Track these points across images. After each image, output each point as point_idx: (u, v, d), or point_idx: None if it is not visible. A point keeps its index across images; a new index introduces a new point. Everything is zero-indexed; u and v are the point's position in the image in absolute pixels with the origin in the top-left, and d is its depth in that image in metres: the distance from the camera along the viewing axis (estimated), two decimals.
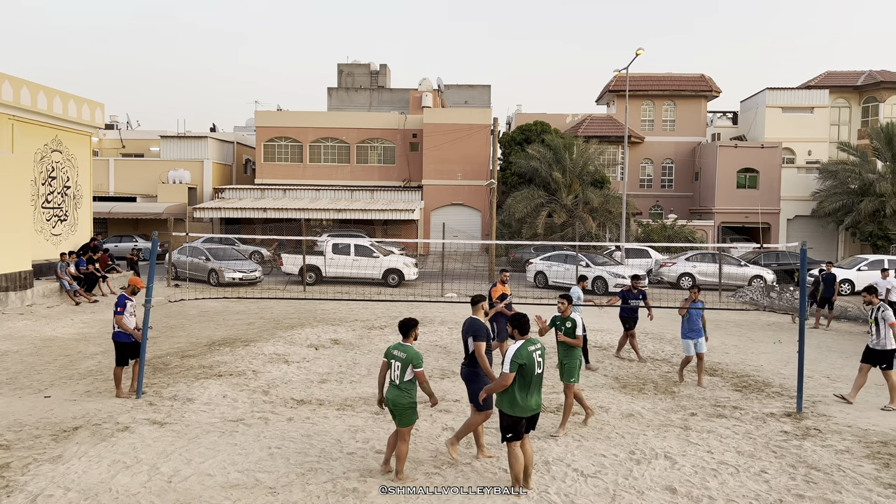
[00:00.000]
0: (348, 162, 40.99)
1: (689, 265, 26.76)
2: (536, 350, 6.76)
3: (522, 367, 6.61)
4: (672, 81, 42.28)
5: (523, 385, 6.65)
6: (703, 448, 8.31)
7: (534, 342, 6.81)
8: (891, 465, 7.84)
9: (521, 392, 6.65)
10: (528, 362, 6.64)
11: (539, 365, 6.75)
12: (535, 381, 6.74)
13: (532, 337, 6.89)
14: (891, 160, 34.60)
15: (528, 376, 6.64)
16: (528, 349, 6.69)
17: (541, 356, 6.79)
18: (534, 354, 6.71)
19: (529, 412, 6.71)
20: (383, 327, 16.61)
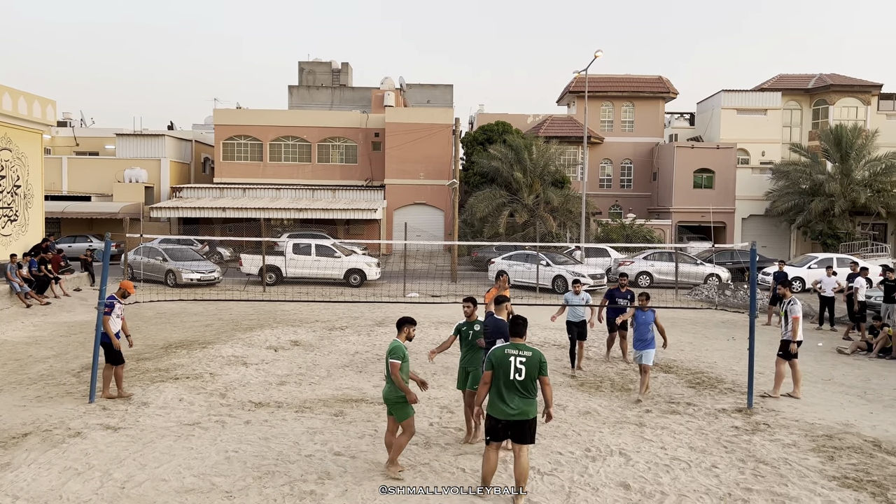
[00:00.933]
0: (309, 161, 40.68)
1: (647, 264, 27.22)
2: (518, 356, 6.60)
3: (495, 368, 6.62)
4: (630, 83, 42.93)
5: (498, 387, 6.63)
6: (656, 444, 8.49)
7: (520, 347, 6.68)
8: (835, 458, 8.11)
9: (496, 393, 6.64)
10: (500, 363, 6.60)
11: (518, 372, 6.55)
12: (511, 385, 6.57)
13: (524, 343, 6.76)
14: (839, 161, 35.69)
15: (500, 378, 6.60)
16: (505, 351, 6.65)
17: (522, 364, 6.57)
18: (510, 358, 6.59)
19: (504, 416, 6.56)
20: (344, 328, 16.55)
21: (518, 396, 6.58)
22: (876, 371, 13.28)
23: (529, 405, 6.61)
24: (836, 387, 11.88)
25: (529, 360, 6.61)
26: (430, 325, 17.08)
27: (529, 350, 6.69)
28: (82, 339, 14.77)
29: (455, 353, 13.63)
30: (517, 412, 6.55)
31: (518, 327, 6.82)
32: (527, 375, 6.57)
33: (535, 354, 6.67)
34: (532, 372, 6.60)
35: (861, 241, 35.09)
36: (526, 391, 6.59)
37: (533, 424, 6.67)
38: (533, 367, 6.61)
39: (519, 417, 6.56)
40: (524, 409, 6.58)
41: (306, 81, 51.95)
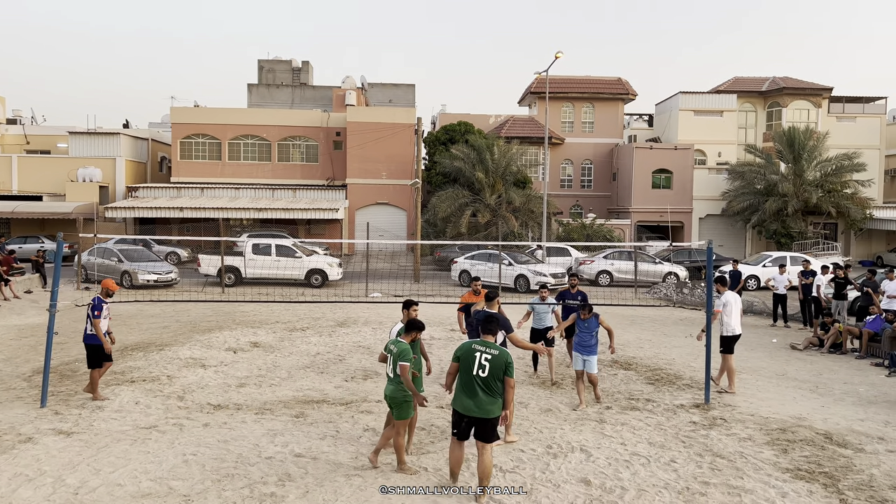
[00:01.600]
0: (269, 160, 40.22)
1: (608, 263, 27.57)
2: (484, 353, 6.64)
3: (460, 361, 6.73)
4: (591, 84, 43.44)
5: (462, 380, 6.71)
6: (616, 440, 8.59)
7: (488, 345, 6.70)
8: (788, 451, 8.31)
9: (460, 387, 6.73)
10: (465, 357, 6.70)
11: (482, 368, 6.59)
12: (472, 381, 6.61)
13: (493, 342, 6.78)
14: (792, 162, 36.65)
15: (464, 373, 6.68)
16: (472, 346, 6.74)
17: (487, 360, 6.60)
18: (476, 353, 6.65)
19: (464, 411, 6.63)
20: (305, 329, 16.38)
21: (480, 393, 6.59)
22: (827, 366, 13.66)
23: (491, 404, 6.59)
24: (789, 381, 12.18)
25: (495, 358, 6.63)
26: (393, 325, 16.97)
27: (497, 349, 6.70)
28: (33, 342, 14.37)
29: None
30: (477, 409, 6.58)
31: (490, 325, 6.87)
32: (490, 373, 6.58)
33: (501, 354, 6.68)
34: (496, 371, 6.60)
35: (813, 240, 36.08)
36: (488, 389, 6.59)
37: (495, 423, 6.69)
38: (497, 366, 6.61)
39: (479, 415, 6.57)
40: (485, 407, 6.58)
41: (266, 80, 51.32)
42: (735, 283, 18.72)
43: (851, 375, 12.82)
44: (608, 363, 13.30)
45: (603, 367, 12.81)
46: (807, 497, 6.92)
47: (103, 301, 10.09)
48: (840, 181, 36.45)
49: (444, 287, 26.07)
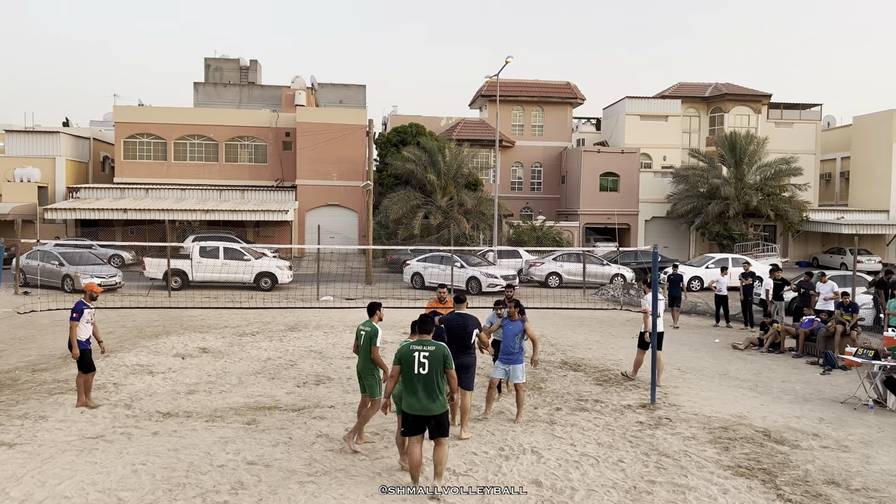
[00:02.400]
0: (217, 161, 39.53)
1: (557, 265, 28.01)
2: (422, 352, 6.90)
3: (401, 363, 6.96)
4: (540, 88, 44.04)
5: (405, 381, 6.94)
6: (566, 441, 8.79)
7: (425, 343, 7.01)
8: (730, 449, 8.65)
9: (404, 388, 6.96)
10: (405, 359, 6.94)
11: (422, 366, 6.85)
12: (416, 380, 6.85)
13: (429, 339, 7.10)
14: (734, 166, 37.87)
15: (406, 374, 6.91)
16: (410, 347, 6.98)
17: (426, 358, 6.87)
18: (414, 353, 6.89)
19: (410, 409, 6.87)
20: (255, 334, 16.21)
21: (423, 391, 6.83)
22: (766, 365, 14.20)
23: (434, 401, 6.86)
24: (731, 381, 12.62)
25: (433, 354, 6.90)
26: (345, 329, 16.97)
27: (433, 345, 6.98)
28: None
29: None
30: (421, 407, 6.84)
31: (425, 325, 7.17)
32: (430, 369, 6.84)
33: (438, 349, 6.95)
34: (436, 366, 6.87)
35: (753, 242, 37.35)
36: (430, 386, 6.84)
37: (442, 419, 6.94)
38: (437, 360, 6.88)
39: (424, 413, 6.84)
40: (428, 405, 6.84)
41: (213, 78, 50.43)
42: (675, 285, 19.20)
43: (789, 374, 13.36)
44: (558, 364, 13.57)
45: (553, 369, 13.07)
46: (747, 493, 7.22)
47: (86, 305, 9.86)
48: (778, 185, 37.82)
49: (396, 289, 26.10)
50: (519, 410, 9.68)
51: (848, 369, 13.73)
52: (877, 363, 11.04)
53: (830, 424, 9.88)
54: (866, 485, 7.56)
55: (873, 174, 42.57)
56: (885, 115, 41.79)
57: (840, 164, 47.30)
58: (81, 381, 9.82)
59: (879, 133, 42.04)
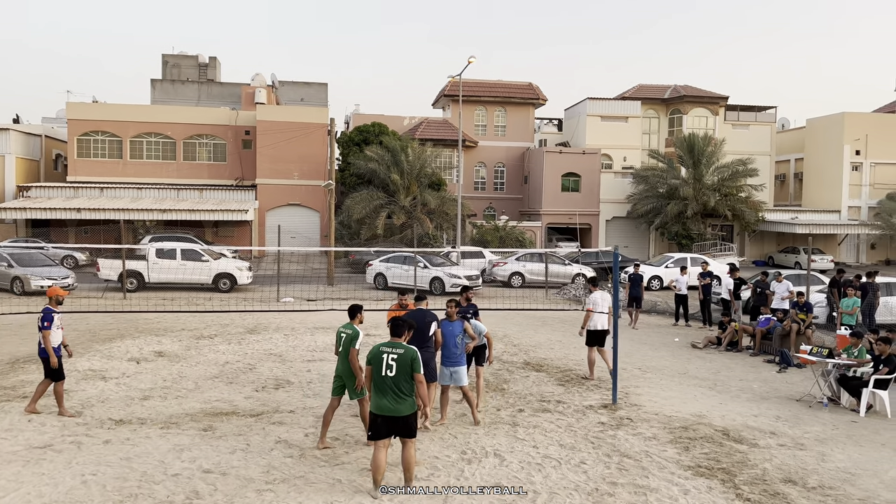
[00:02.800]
0: (174, 159, 38.75)
1: (520, 265, 28.10)
2: (391, 353, 6.93)
3: (371, 364, 7.03)
4: (503, 88, 44.19)
5: (373, 382, 7.00)
6: (529, 443, 8.76)
7: (394, 345, 7.03)
8: (690, 449, 8.71)
9: (373, 389, 7.01)
10: (373, 360, 7.02)
11: (389, 368, 6.88)
12: (383, 382, 6.89)
13: (399, 342, 7.10)
14: (692, 167, 38.49)
15: (375, 374, 6.97)
16: (380, 349, 7.05)
17: (394, 360, 6.90)
18: (383, 355, 6.94)
19: (378, 410, 6.90)
20: (213, 336, 15.87)
21: (390, 393, 6.87)
22: (725, 364, 14.40)
23: (402, 403, 6.89)
24: (690, 380, 12.76)
25: (401, 357, 6.92)
26: (305, 331, 16.73)
27: (403, 348, 7.00)
28: None
29: (332, 361, 13.45)
30: (389, 409, 6.87)
31: (396, 328, 7.21)
32: (398, 372, 6.87)
33: (407, 352, 6.96)
34: (404, 368, 6.88)
35: (711, 242, 38.02)
36: (397, 388, 6.88)
37: (411, 420, 6.96)
38: (404, 364, 6.90)
39: (392, 414, 6.86)
40: (396, 406, 6.87)
41: (171, 75, 49.49)
42: (636, 284, 19.37)
43: (746, 372, 13.57)
44: (520, 364, 13.56)
45: (516, 370, 13.06)
46: (707, 493, 7.27)
47: (53, 311, 9.50)
48: (735, 185, 38.57)
49: (358, 290, 25.87)
50: (472, 411, 9.51)
51: (803, 367, 13.99)
52: (831, 361, 11.26)
53: (787, 422, 10.04)
54: (822, 483, 7.68)
55: (825, 175, 43.74)
56: (836, 118, 42.96)
57: (794, 166, 48.49)
58: (45, 389, 9.49)
59: (831, 135, 43.20)
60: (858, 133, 42.49)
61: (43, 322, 9.39)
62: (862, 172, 42.95)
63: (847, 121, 42.48)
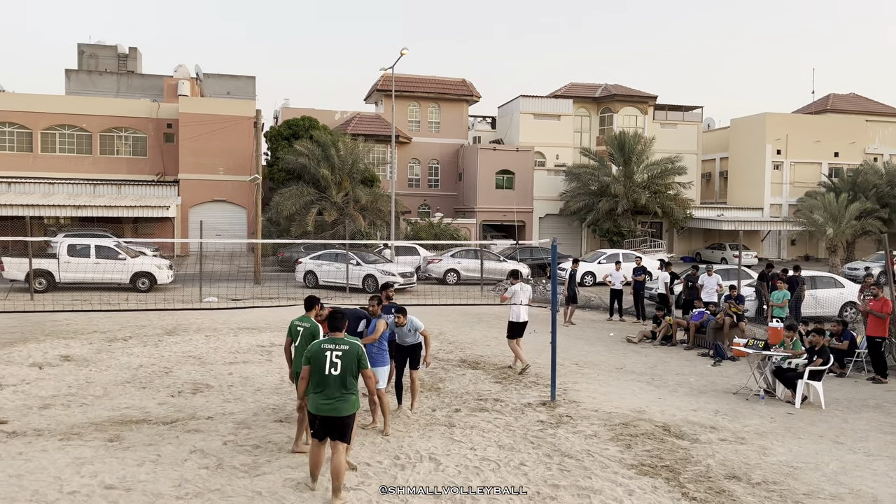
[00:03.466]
0: (90, 153, 36.71)
1: (455, 261, 27.71)
2: (334, 350, 6.48)
3: (311, 363, 6.53)
4: (436, 84, 43.75)
5: (315, 382, 6.51)
6: (466, 445, 8.27)
7: (337, 341, 6.56)
8: (632, 446, 8.40)
9: (313, 388, 6.53)
10: (315, 358, 6.50)
11: (334, 366, 6.42)
12: (326, 380, 6.43)
13: (342, 337, 6.62)
14: (623, 164, 39.00)
15: (317, 374, 6.48)
16: (321, 346, 6.55)
17: (338, 357, 6.44)
18: (326, 353, 6.46)
19: (317, 410, 6.47)
20: (128, 339, 14.78)
21: (333, 391, 6.43)
22: (660, 358, 14.31)
23: (343, 402, 6.45)
24: (627, 374, 12.56)
25: (346, 353, 6.47)
26: (229, 332, 15.83)
27: (347, 343, 6.54)
28: None
29: (257, 363, 12.67)
30: (328, 408, 6.44)
31: (336, 321, 6.69)
32: (343, 369, 6.44)
33: (352, 348, 6.52)
34: (349, 365, 6.46)
35: (641, 238, 38.62)
36: (342, 386, 6.45)
37: (348, 422, 6.54)
38: (350, 360, 6.48)
39: (331, 413, 6.43)
40: (336, 405, 6.44)
41: (87, 66, 46.92)
42: (572, 282, 19.22)
43: (682, 366, 13.49)
44: (456, 362, 13.10)
45: (451, 367, 12.59)
46: (652, 493, 6.93)
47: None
48: (665, 183, 39.29)
49: (288, 289, 24.90)
50: (385, 421, 8.66)
51: (737, 360, 14.04)
52: (766, 353, 11.23)
53: (726, 416, 9.89)
54: (766, 478, 7.47)
55: (749, 174, 45.14)
56: (759, 118, 44.39)
57: (719, 164, 49.91)
58: None
59: (754, 135, 44.60)
60: (779, 133, 44.01)
61: None
62: (783, 171, 44.51)
63: (769, 121, 43.94)
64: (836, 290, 19.98)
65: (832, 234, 32.34)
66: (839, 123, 45.70)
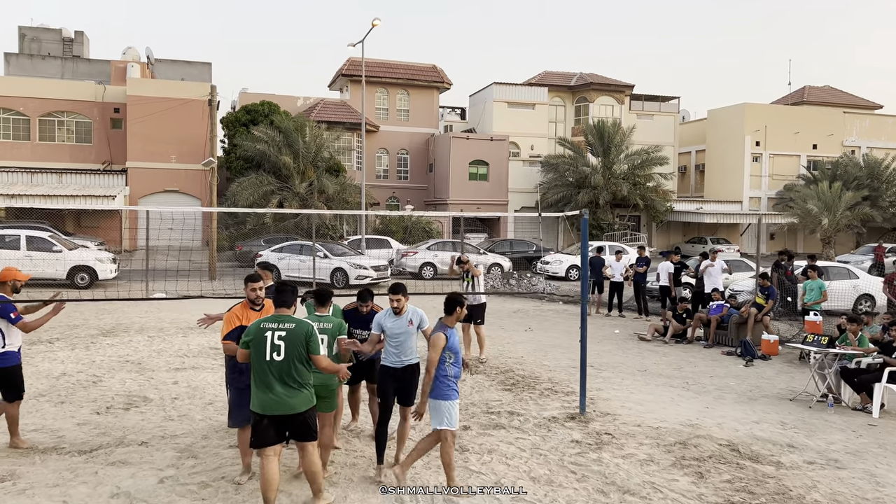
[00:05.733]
0: (28, 139, 33.56)
1: (431, 254, 25.60)
2: (276, 331, 5.11)
3: (250, 347, 5.19)
4: (405, 70, 41.50)
5: (253, 372, 5.19)
6: (488, 477, 6.20)
7: (281, 319, 5.19)
8: (705, 476, 6.42)
9: (254, 380, 5.18)
10: (255, 341, 5.16)
11: (276, 350, 5.07)
12: (266, 369, 5.11)
13: (288, 314, 5.26)
14: (602, 154, 37.32)
15: (256, 361, 5.15)
16: (260, 325, 5.19)
17: (281, 339, 5.09)
18: (266, 333, 5.11)
19: (262, 409, 5.10)
20: (53, 341, 12.35)
21: (277, 383, 5.09)
22: (682, 357, 12.43)
23: (294, 396, 5.11)
24: (655, 378, 10.62)
25: (291, 333, 5.12)
26: (177, 332, 13.47)
27: (293, 321, 5.18)
28: None
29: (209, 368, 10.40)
30: (277, 405, 5.07)
31: (282, 294, 5.34)
32: (288, 354, 5.10)
33: (299, 326, 5.17)
34: (294, 349, 5.10)
35: (621, 232, 36.97)
36: (287, 376, 5.10)
37: (305, 418, 5.20)
38: (295, 342, 5.11)
39: (282, 411, 5.08)
40: (286, 401, 5.08)
41: (29, 50, 43.48)
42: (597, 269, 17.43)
43: (711, 367, 11.62)
44: None
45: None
46: None
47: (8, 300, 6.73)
48: (645, 174, 37.74)
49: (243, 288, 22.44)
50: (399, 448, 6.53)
51: (769, 359, 12.29)
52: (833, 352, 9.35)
53: (798, 430, 7.99)
54: None
55: (727, 166, 43.93)
56: (737, 109, 43.20)
57: (695, 157, 48.70)
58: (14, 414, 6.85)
59: (732, 126, 43.40)
60: (758, 124, 42.89)
61: (10, 314, 6.65)
62: (762, 163, 43.41)
63: (748, 112, 42.78)
64: (849, 281, 18.43)
65: (827, 224, 31.05)
66: (817, 115, 44.80)
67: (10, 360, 6.78)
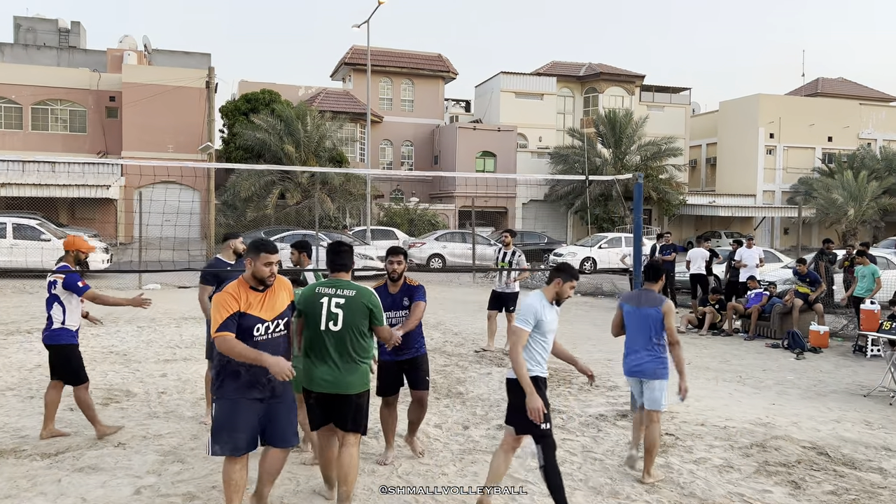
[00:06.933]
0: (21, 128, 32.39)
1: (440, 245, 24.48)
2: (334, 297, 4.40)
3: (305, 315, 4.48)
4: (410, 59, 40.31)
5: (306, 343, 4.49)
6: (537, 487, 5.07)
7: (340, 284, 4.46)
8: (801, 485, 5.29)
9: (306, 352, 4.49)
10: (308, 308, 4.45)
11: (333, 319, 4.36)
12: (323, 340, 4.38)
13: (347, 280, 4.51)
14: (613, 146, 36.16)
15: (311, 330, 4.44)
16: (316, 290, 4.47)
17: (339, 307, 4.37)
18: (322, 300, 4.40)
19: (313, 385, 4.43)
20: (31, 331, 11.22)
21: (334, 356, 4.38)
22: (725, 350, 11.32)
23: (348, 373, 4.39)
24: (703, 372, 9.49)
25: (350, 301, 4.40)
26: (170, 323, 12.36)
27: (354, 288, 4.45)
28: None
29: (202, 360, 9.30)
30: (330, 382, 4.39)
31: (340, 256, 4.56)
32: (346, 325, 4.38)
33: (360, 294, 4.43)
34: (355, 320, 4.40)
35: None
36: (345, 349, 4.39)
37: (358, 402, 4.44)
38: (357, 312, 4.40)
39: (331, 390, 4.39)
40: (342, 378, 4.38)
41: (24, 40, 42.41)
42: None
43: (761, 360, 10.49)
44: (473, 358, 9.88)
45: (469, 365, 9.40)
46: None
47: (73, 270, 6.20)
48: (658, 166, 36.58)
49: None
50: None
51: (820, 351, 11.17)
52: None
53: (888, 430, 6.87)
54: None
55: (740, 159, 42.72)
56: (751, 100, 42.00)
57: (706, 151, 47.49)
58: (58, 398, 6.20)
59: (746, 118, 42.20)
60: (772, 116, 41.68)
61: (77, 283, 6.12)
62: (776, 156, 42.21)
63: (762, 103, 41.55)
64: (891, 271, 17.26)
65: (853, 214, 29.74)
66: (833, 107, 43.54)
67: (66, 337, 6.26)
